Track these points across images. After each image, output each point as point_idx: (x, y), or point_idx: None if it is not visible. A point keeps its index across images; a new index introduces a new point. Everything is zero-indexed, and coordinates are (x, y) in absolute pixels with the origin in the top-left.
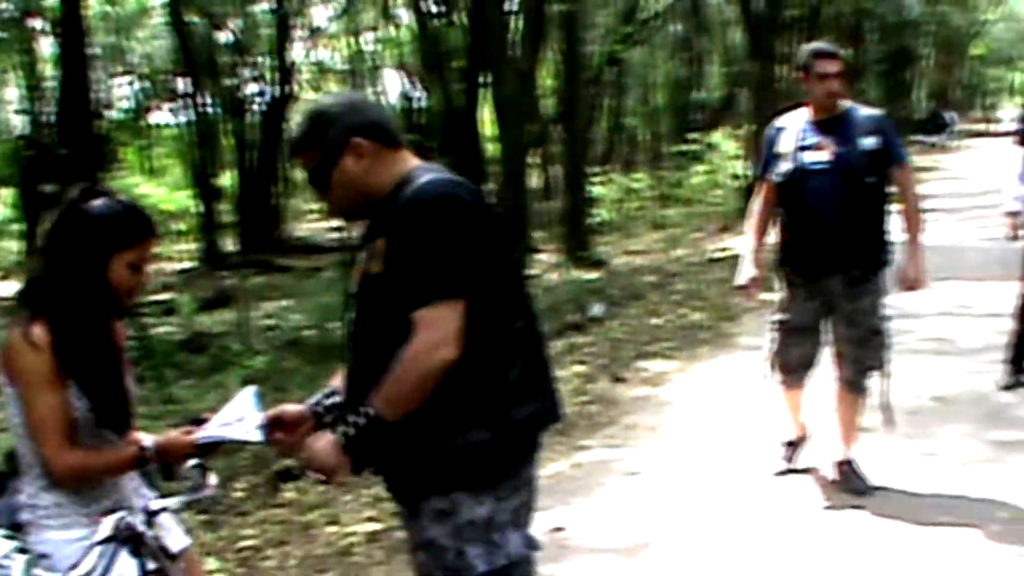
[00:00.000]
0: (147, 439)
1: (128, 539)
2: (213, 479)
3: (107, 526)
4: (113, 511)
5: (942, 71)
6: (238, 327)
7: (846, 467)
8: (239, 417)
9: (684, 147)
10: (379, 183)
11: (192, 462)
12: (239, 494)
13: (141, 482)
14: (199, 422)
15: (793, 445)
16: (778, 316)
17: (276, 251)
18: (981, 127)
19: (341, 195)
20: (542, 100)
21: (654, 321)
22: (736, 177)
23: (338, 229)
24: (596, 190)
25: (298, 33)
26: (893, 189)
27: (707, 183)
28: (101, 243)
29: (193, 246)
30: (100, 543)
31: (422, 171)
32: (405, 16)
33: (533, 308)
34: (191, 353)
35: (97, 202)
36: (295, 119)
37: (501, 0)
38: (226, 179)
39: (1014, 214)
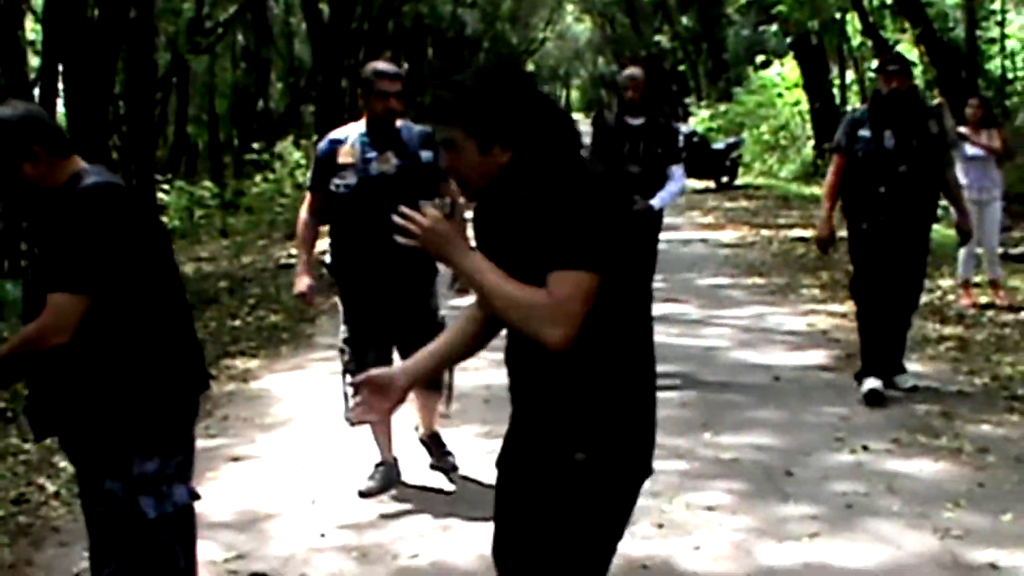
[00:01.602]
0: None
1: None
2: None
3: None
4: None
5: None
6: None
7: (433, 441)
8: None
9: (250, 156)
10: (52, 185)
11: None
12: None
13: None
14: None
15: (383, 465)
16: (343, 331)
17: None
18: None
19: (18, 196)
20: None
21: (234, 323)
22: (302, 187)
23: None
24: (163, 197)
25: None
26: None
27: (271, 191)
28: None
29: None
30: None
31: (89, 173)
32: None
33: (183, 290)
34: None
35: None
36: None
37: (78, 4)
38: None
39: None
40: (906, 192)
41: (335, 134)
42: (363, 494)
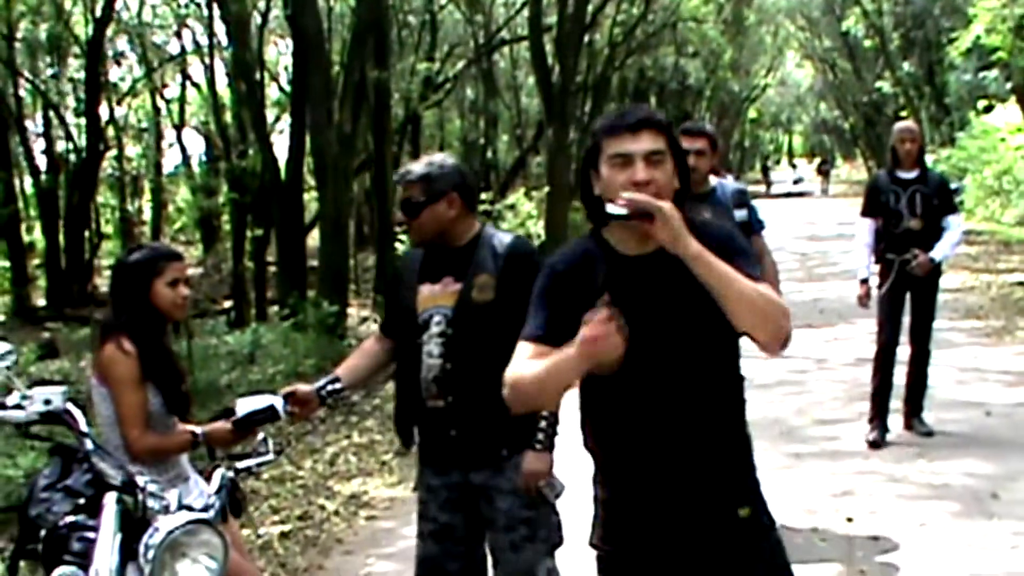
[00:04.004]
0: (197, 428)
1: (230, 490)
2: (272, 446)
3: (216, 480)
4: (176, 478)
5: (720, 134)
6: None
7: None
8: (260, 403)
9: (483, 207)
10: (456, 235)
11: (260, 436)
12: None
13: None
14: (229, 412)
15: None
16: None
17: (86, 305)
18: (761, 189)
19: (423, 229)
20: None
21: None
22: (535, 237)
23: None
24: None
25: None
26: None
27: None
28: (139, 276)
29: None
30: (215, 493)
31: (492, 230)
32: (199, 76)
33: None
34: None
35: (135, 253)
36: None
37: (323, 67)
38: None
39: (865, 281)
40: None
41: None
42: None
